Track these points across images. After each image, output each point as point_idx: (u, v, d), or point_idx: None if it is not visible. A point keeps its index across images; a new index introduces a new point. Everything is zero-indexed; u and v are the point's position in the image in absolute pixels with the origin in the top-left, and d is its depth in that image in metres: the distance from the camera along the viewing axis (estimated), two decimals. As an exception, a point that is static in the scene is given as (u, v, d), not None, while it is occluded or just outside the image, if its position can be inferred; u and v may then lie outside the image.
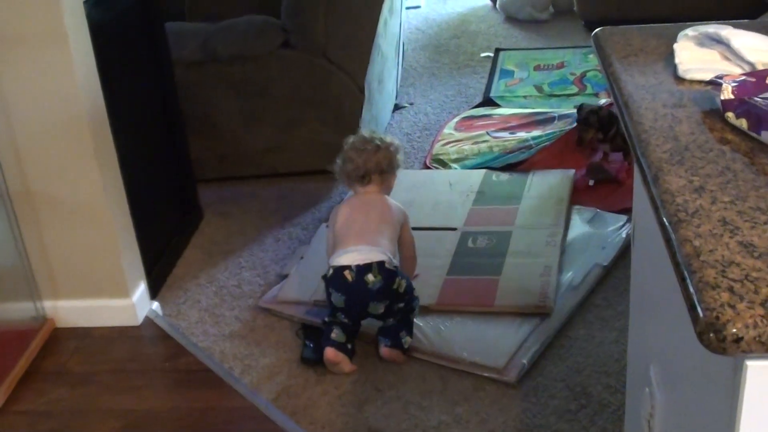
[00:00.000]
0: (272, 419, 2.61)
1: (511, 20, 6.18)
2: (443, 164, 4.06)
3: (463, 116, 4.58)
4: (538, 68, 5.21)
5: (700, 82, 1.47)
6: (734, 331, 0.90)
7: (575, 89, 4.83)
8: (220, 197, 3.94)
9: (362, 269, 2.71)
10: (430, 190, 3.78)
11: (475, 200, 3.64)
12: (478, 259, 3.24)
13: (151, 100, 3.41)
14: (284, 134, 3.96)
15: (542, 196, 3.61)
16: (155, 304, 3.18)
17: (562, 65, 5.20)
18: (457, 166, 4.02)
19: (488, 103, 4.77)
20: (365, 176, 2.91)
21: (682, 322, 1.08)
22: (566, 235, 3.34)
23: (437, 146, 4.24)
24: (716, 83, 1.41)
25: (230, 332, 3.03)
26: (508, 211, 3.53)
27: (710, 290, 0.94)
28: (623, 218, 3.39)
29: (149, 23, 3.35)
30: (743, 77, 1.36)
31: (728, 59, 1.50)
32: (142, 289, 3.13)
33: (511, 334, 2.82)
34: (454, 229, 3.45)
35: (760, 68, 1.43)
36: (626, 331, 2.49)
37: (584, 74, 5.01)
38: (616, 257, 3.18)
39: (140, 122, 3.31)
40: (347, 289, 2.73)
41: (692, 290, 0.96)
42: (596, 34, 1.76)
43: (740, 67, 1.47)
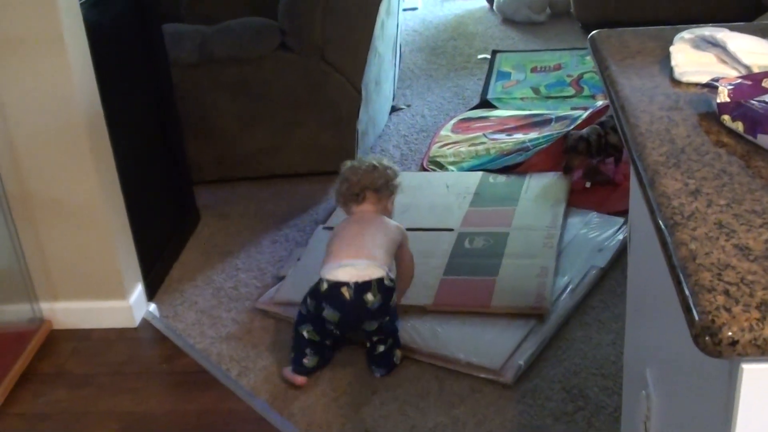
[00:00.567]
0: (269, 421, 2.61)
1: (508, 22, 6.18)
2: (440, 166, 4.06)
3: (460, 118, 4.58)
4: (535, 70, 5.22)
5: (696, 84, 1.48)
6: (730, 334, 0.90)
7: (572, 91, 4.84)
8: (217, 199, 3.94)
9: (361, 287, 2.65)
10: (426, 192, 3.78)
11: (471, 202, 3.64)
12: (474, 259, 3.24)
13: (147, 101, 3.41)
14: (281, 136, 3.96)
15: (539, 198, 3.61)
16: (152, 305, 3.18)
17: (559, 67, 5.21)
18: (454, 168, 4.02)
19: (485, 105, 4.77)
20: (359, 193, 2.87)
21: (678, 324, 1.09)
22: (563, 237, 3.34)
23: (434, 148, 4.24)
24: (712, 86, 1.41)
25: (227, 334, 3.03)
26: (504, 212, 3.53)
27: (706, 293, 0.94)
28: (620, 221, 3.39)
29: (146, 25, 3.34)
30: (739, 80, 1.37)
31: (724, 62, 1.50)
32: (139, 290, 3.13)
33: (507, 335, 2.83)
34: (450, 230, 3.45)
35: (756, 71, 1.43)
36: (623, 333, 2.49)
37: (581, 76, 5.01)
38: (612, 259, 3.19)
39: (137, 124, 3.31)
40: (344, 306, 2.67)
41: (688, 293, 0.96)
42: (593, 36, 1.77)
43: (736, 70, 1.47)
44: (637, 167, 1.26)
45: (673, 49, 1.57)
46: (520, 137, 4.19)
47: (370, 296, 2.66)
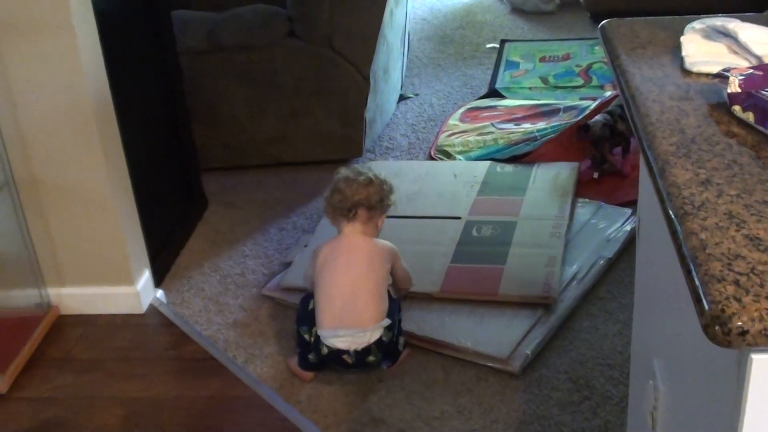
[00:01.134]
0: (276, 408, 2.62)
1: (517, 11, 6.16)
2: (448, 155, 4.06)
3: (468, 107, 4.58)
4: (543, 60, 5.20)
5: (707, 75, 1.47)
6: (740, 324, 0.90)
7: (581, 81, 4.83)
8: (224, 186, 3.94)
9: (362, 353, 2.65)
10: (434, 180, 3.78)
11: (479, 191, 3.63)
12: (482, 248, 3.24)
13: (156, 88, 3.41)
14: (289, 124, 3.96)
15: (547, 188, 3.61)
16: (159, 292, 3.19)
17: (567, 57, 5.19)
18: (461, 157, 4.02)
19: (493, 94, 4.76)
20: (351, 210, 2.72)
21: (686, 315, 1.09)
22: (571, 226, 3.33)
23: (442, 137, 4.24)
24: (723, 76, 1.41)
25: (234, 321, 3.03)
26: (512, 201, 3.53)
27: (716, 283, 0.94)
28: (628, 211, 3.39)
29: (155, 12, 3.34)
30: (750, 70, 1.36)
31: (735, 52, 1.50)
32: (146, 277, 3.14)
33: (515, 325, 2.83)
34: (458, 218, 3.45)
35: (767, 61, 1.43)
36: (630, 323, 2.50)
37: (590, 66, 5.00)
38: (620, 250, 3.18)
39: (145, 111, 3.31)
40: (347, 366, 2.70)
41: (698, 283, 0.96)
42: (603, 26, 1.76)
43: (747, 60, 1.47)
44: (647, 157, 1.26)
45: (683, 39, 1.56)
46: (528, 127, 4.18)
47: (371, 358, 2.67)
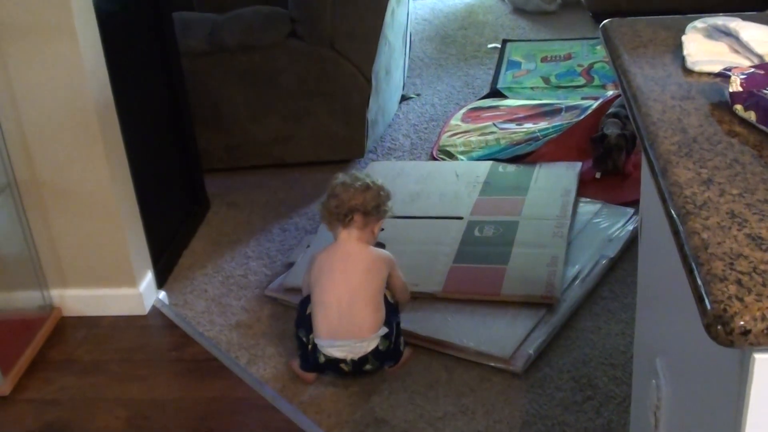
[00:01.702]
0: (279, 409, 2.62)
1: (518, 11, 6.16)
2: (450, 155, 4.06)
3: (470, 107, 4.58)
4: (545, 60, 5.20)
5: (708, 74, 1.47)
6: (742, 323, 0.90)
7: (582, 81, 4.82)
8: (227, 187, 3.94)
9: (359, 362, 2.66)
10: (436, 181, 3.78)
11: (481, 191, 3.63)
12: (484, 248, 3.24)
13: (158, 90, 3.42)
14: (291, 124, 3.96)
15: (549, 187, 3.61)
16: (162, 293, 3.19)
17: (569, 57, 5.19)
18: (463, 157, 4.02)
19: (495, 94, 4.76)
20: (347, 215, 2.70)
21: (689, 314, 1.09)
22: (573, 226, 3.33)
23: (444, 137, 4.24)
24: (725, 75, 1.41)
25: (237, 322, 3.03)
26: (514, 201, 3.53)
27: (718, 282, 0.94)
28: (630, 211, 3.38)
29: (157, 13, 3.35)
30: (752, 69, 1.36)
31: (737, 51, 1.50)
32: (149, 278, 3.14)
33: (517, 324, 2.82)
34: (460, 218, 3.45)
35: (768, 61, 1.43)
36: (632, 323, 2.49)
37: (591, 66, 5.00)
38: (622, 250, 3.18)
39: (148, 112, 3.31)
40: (344, 375, 2.70)
41: (700, 282, 0.96)
42: (605, 25, 1.76)
43: (749, 59, 1.47)
44: (649, 156, 1.26)
45: (685, 38, 1.56)
46: (530, 127, 4.18)
47: (368, 366, 2.68)
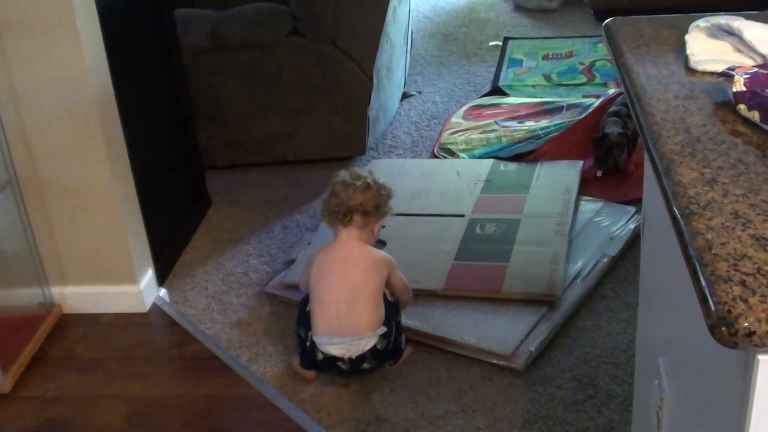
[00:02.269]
0: (279, 407, 2.62)
1: (520, 9, 6.16)
2: (451, 153, 4.06)
3: (471, 105, 4.57)
4: (546, 57, 5.20)
5: (711, 73, 1.47)
6: (746, 324, 0.89)
7: (584, 79, 4.82)
8: (228, 184, 3.94)
9: (356, 361, 2.65)
10: (437, 179, 3.77)
11: (482, 188, 3.63)
12: (486, 245, 3.24)
13: (159, 87, 3.41)
14: (293, 122, 3.96)
15: (550, 185, 3.60)
16: (163, 290, 3.19)
17: (570, 54, 5.19)
18: (465, 155, 4.01)
19: (497, 92, 4.76)
20: (347, 215, 2.70)
21: (692, 314, 1.08)
22: (574, 224, 3.33)
23: (445, 135, 4.24)
24: (728, 75, 1.40)
25: (237, 320, 3.03)
26: (516, 199, 3.53)
27: (722, 283, 0.94)
28: (631, 209, 3.38)
29: (158, 10, 3.34)
30: (755, 69, 1.36)
31: (740, 51, 1.50)
32: (149, 275, 3.14)
33: (519, 321, 2.82)
34: (461, 215, 3.45)
35: (772, 60, 1.43)
36: (634, 321, 2.49)
37: (593, 64, 4.99)
38: (624, 248, 3.18)
39: (149, 109, 3.31)
40: (342, 373, 2.70)
41: (704, 283, 0.96)
42: (607, 24, 1.76)
43: (752, 58, 1.46)
44: (652, 156, 1.25)
45: (688, 37, 1.56)
46: (531, 125, 4.18)
47: (366, 365, 2.67)
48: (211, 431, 2.60)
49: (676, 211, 1.10)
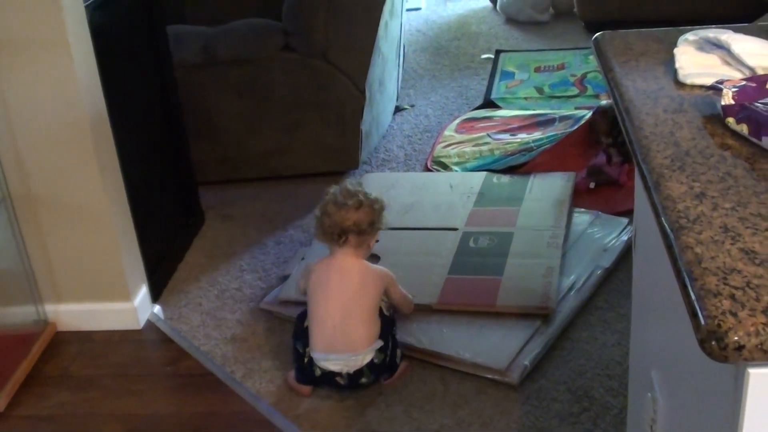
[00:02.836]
0: (274, 423, 2.61)
1: (511, 22, 6.17)
2: (444, 166, 4.06)
3: (463, 118, 4.58)
4: (538, 70, 5.21)
5: (700, 87, 1.47)
6: (736, 339, 0.90)
7: (576, 91, 4.83)
8: (221, 200, 3.94)
9: (354, 376, 2.66)
10: (430, 192, 3.78)
11: (476, 201, 3.63)
12: (479, 258, 3.24)
13: (152, 103, 3.41)
14: (286, 137, 3.96)
15: (543, 198, 3.61)
16: (157, 307, 3.18)
17: (562, 67, 5.20)
18: (458, 168, 4.02)
19: (489, 104, 4.77)
20: (341, 236, 2.71)
21: (683, 328, 1.08)
22: (568, 236, 3.33)
23: (438, 148, 4.24)
24: (717, 88, 1.41)
25: (232, 335, 3.03)
26: (509, 212, 3.53)
27: (712, 297, 0.94)
28: (624, 221, 3.38)
29: (150, 26, 3.35)
30: (744, 82, 1.37)
31: (728, 64, 1.50)
32: (143, 292, 3.13)
33: (513, 336, 2.82)
34: (455, 229, 3.45)
35: (760, 73, 1.43)
36: (628, 333, 2.50)
37: (585, 75, 5.00)
38: (617, 260, 3.18)
39: (141, 125, 3.31)
40: (340, 388, 2.70)
41: (694, 297, 0.96)
42: (597, 38, 1.77)
43: (740, 71, 1.47)
44: (642, 170, 1.26)
45: (677, 51, 1.57)
46: (524, 137, 4.18)
47: (364, 380, 2.67)
48: (206, 448, 2.60)
49: (665, 225, 1.10)
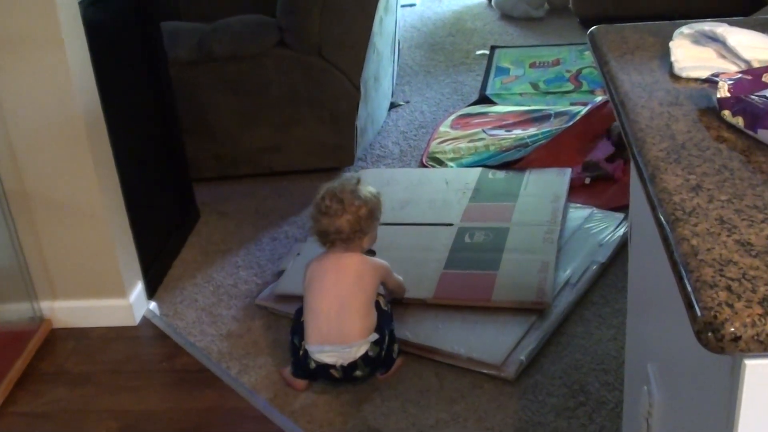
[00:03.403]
0: (270, 419, 2.61)
1: (506, 18, 6.18)
2: (440, 162, 4.06)
3: (459, 114, 4.58)
4: (533, 66, 5.21)
5: (696, 80, 1.47)
6: (732, 330, 0.90)
7: (571, 86, 4.83)
8: (216, 197, 3.94)
9: (348, 368, 2.66)
10: (426, 188, 3.77)
11: (471, 197, 3.63)
12: (475, 254, 3.24)
13: (146, 99, 3.41)
14: (281, 133, 3.96)
15: (539, 193, 3.61)
16: (152, 304, 3.18)
17: (557, 62, 5.20)
18: (453, 164, 4.02)
19: (484, 100, 4.77)
20: (325, 243, 2.75)
21: (679, 320, 1.08)
22: (563, 232, 3.33)
23: (433, 144, 4.24)
24: (712, 81, 1.41)
25: (227, 332, 3.03)
26: (504, 207, 3.53)
27: (708, 289, 0.94)
28: (620, 216, 3.39)
29: (144, 23, 3.34)
30: (739, 75, 1.36)
31: (724, 57, 1.50)
32: (139, 289, 3.13)
33: (508, 331, 2.82)
34: (450, 224, 3.45)
35: (756, 66, 1.43)
36: (624, 328, 2.49)
37: (580, 71, 5.01)
38: (613, 255, 3.19)
39: (136, 122, 3.30)
40: (335, 381, 2.70)
41: (690, 289, 0.96)
42: (592, 32, 1.76)
43: (736, 64, 1.47)
44: (637, 163, 1.26)
45: (672, 44, 1.56)
46: (519, 133, 4.18)
47: (359, 372, 2.67)
48: (202, 444, 2.60)
49: (661, 217, 1.10)
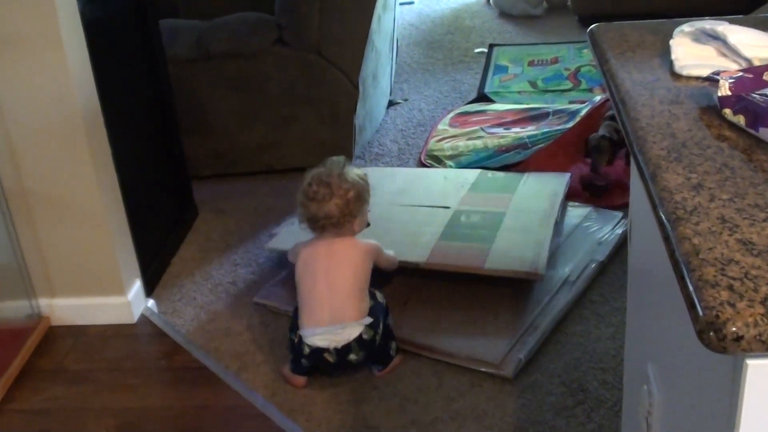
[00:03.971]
0: (269, 417, 2.61)
1: (504, 16, 6.18)
2: (438, 160, 4.06)
3: (457, 112, 4.58)
4: (532, 64, 5.21)
5: (696, 78, 1.47)
6: (734, 329, 0.89)
7: (570, 84, 4.83)
8: (215, 194, 3.93)
9: (342, 351, 2.65)
10: (424, 181, 3.77)
11: (469, 189, 3.62)
12: (470, 230, 3.24)
13: (145, 97, 3.41)
14: (279, 131, 3.96)
15: (537, 188, 3.59)
16: (151, 301, 3.18)
17: (556, 60, 5.20)
18: (451, 162, 4.01)
19: (482, 98, 4.77)
20: (315, 229, 2.76)
21: (680, 320, 1.08)
22: (562, 222, 3.33)
23: (432, 142, 4.24)
24: (713, 79, 1.41)
25: (226, 329, 3.02)
26: (502, 197, 3.50)
27: (710, 288, 0.94)
28: (618, 215, 3.39)
29: (143, 21, 3.34)
30: (740, 73, 1.36)
31: (725, 55, 1.50)
32: (137, 286, 3.13)
33: (507, 329, 2.82)
34: (447, 207, 3.44)
35: (756, 64, 1.43)
36: (622, 326, 2.49)
37: (578, 69, 5.01)
38: (612, 253, 3.18)
39: (135, 120, 3.30)
40: (329, 366, 2.69)
41: (691, 288, 0.95)
42: (592, 30, 1.76)
43: (737, 63, 1.46)
44: (638, 161, 1.25)
45: (673, 42, 1.56)
46: (517, 131, 4.18)
47: (353, 356, 2.66)
48: (200, 442, 2.60)
49: (662, 216, 1.10)
